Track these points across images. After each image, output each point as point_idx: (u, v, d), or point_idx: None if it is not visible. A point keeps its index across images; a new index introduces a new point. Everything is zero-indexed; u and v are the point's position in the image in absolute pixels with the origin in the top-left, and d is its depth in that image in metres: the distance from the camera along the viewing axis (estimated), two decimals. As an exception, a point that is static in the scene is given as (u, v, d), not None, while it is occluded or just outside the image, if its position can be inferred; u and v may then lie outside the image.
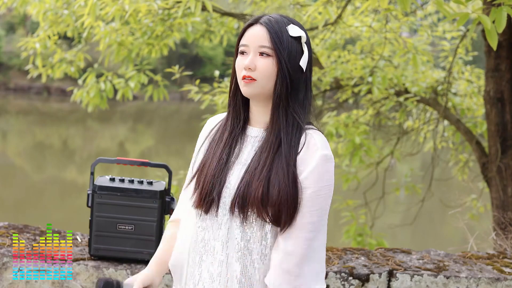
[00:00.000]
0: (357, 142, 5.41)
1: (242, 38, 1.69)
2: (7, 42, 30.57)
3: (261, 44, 1.64)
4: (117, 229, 2.42)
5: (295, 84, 1.66)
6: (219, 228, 1.66)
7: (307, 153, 1.62)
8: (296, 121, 1.65)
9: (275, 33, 1.64)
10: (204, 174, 1.70)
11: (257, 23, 1.67)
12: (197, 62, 30.36)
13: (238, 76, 1.68)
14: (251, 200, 1.60)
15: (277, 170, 1.60)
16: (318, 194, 1.61)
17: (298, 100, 1.66)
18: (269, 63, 1.63)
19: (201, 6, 3.91)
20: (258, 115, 1.71)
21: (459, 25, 2.45)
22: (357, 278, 2.51)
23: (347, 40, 6.89)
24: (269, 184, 1.60)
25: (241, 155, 1.70)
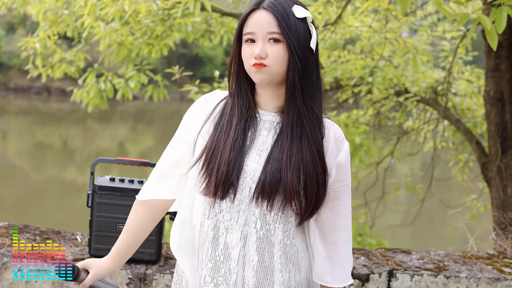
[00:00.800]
0: (357, 142, 5.41)
1: (245, 25, 1.62)
2: (7, 42, 30.57)
3: (269, 30, 1.58)
4: (117, 229, 2.41)
5: (306, 67, 1.61)
6: (237, 215, 1.60)
7: (331, 142, 1.63)
8: (312, 106, 1.62)
9: (281, 17, 1.58)
10: (216, 160, 1.61)
11: (259, 8, 1.60)
12: (197, 62, 30.36)
13: (246, 64, 1.61)
14: (285, 188, 1.56)
15: (307, 155, 1.59)
16: (349, 184, 1.68)
17: (312, 83, 1.63)
18: (280, 49, 1.58)
19: (200, 6, 3.91)
20: (267, 99, 1.66)
21: (459, 25, 2.45)
22: (357, 278, 2.51)
23: (347, 40, 6.89)
24: (303, 170, 1.58)
25: (257, 140, 1.64)
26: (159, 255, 2.46)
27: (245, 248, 1.60)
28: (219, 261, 1.61)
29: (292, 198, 1.57)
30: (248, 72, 1.63)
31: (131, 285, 2.40)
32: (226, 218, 1.61)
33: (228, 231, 1.61)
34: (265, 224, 1.60)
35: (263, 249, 1.60)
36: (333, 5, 4.74)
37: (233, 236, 1.60)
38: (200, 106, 1.72)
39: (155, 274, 2.40)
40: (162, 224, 2.44)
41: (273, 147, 1.61)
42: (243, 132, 1.64)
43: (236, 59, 1.66)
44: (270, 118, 1.66)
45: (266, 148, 1.62)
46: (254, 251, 1.59)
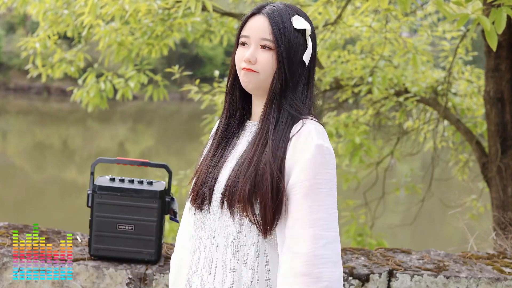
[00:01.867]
0: (357, 142, 5.41)
1: (243, 28, 1.61)
2: (7, 42, 30.58)
3: (263, 37, 1.57)
4: (117, 229, 2.41)
5: (294, 79, 1.58)
6: (210, 224, 1.61)
7: (299, 142, 1.52)
8: (290, 114, 1.56)
9: (276, 25, 1.56)
10: (199, 172, 1.66)
11: (259, 13, 1.59)
12: (197, 62, 30.36)
13: (237, 67, 1.61)
14: (238, 196, 1.52)
15: (265, 163, 1.51)
16: (318, 187, 1.47)
17: (296, 95, 1.59)
18: (269, 56, 1.56)
19: (201, 6, 3.91)
20: (257, 108, 1.65)
21: (459, 26, 2.45)
22: (357, 278, 2.51)
23: (347, 40, 6.89)
24: (255, 180, 1.51)
25: (235, 149, 1.64)
26: (159, 255, 2.46)
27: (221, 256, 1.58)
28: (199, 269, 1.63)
29: (245, 207, 1.52)
30: (238, 74, 1.62)
31: (131, 285, 2.40)
32: (204, 228, 1.63)
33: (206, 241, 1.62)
34: (233, 232, 1.56)
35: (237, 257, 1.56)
36: (333, 5, 4.74)
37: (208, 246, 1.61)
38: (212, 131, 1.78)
39: (155, 274, 2.40)
40: (162, 224, 2.45)
41: (241, 155, 1.60)
42: (225, 143, 1.65)
43: (234, 65, 1.66)
44: (251, 127, 1.65)
45: (238, 157, 1.62)
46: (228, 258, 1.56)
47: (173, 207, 2.43)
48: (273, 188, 1.49)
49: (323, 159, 1.50)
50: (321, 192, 1.48)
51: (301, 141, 1.52)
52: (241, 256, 1.56)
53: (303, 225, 1.46)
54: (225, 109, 1.69)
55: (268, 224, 1.51)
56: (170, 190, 2.49)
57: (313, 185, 1.48)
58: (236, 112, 1.68)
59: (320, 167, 1.49)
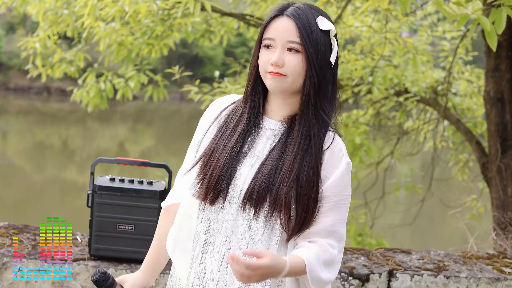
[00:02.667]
0: (357, 142, 5.41)
1: (266, 30, 1.58)
2: (7, 42, 30.56)
3: (290, 39, 1.54)
4: (117, 229, 2.42)
5: (323, 81, 1.57)
6: (224, 221, 1.58)
7: (332, 156, 1.56)
8: (324, 120, 1.58)
9: (303, 27, 1.53)
10: (212, 163, 1.60)
11: (283, 14, 1.56)
12: (197, 62, 30.35)
13: (262, 70, 1.58)
14: (274, 197, 1.52)
15: (307, 170, 1.53)
16: (342, 203, 1.56)
17: (326, 97, 1.59)
18: (298, 59, 1.54)
19: (200, 6, 3.91)
20: (277, 107, 1.63)
21: (459, 26, 2.45)
22: (357, 278, 2.51)
23: (347, 40, 6.89)
24: (299, 185, 1.52)
25: (254, 147, 1.61)
26: (159, 255, 2.46)
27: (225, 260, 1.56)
28: (207, 266, 1.60)
29: (281, 210, 1.52)
30: (262, 77, 1.60)
31: (131, 285, 2.40)
32: (216, 224, 1.59)
33: (216, 237, 1.59)
34: (249, 232, 1.56)
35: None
36: (333, 5, 4.75)
37: (218, 243, 1.58)
38: (210, 109, 1.73)
39: (155, 274, 2.40)
40: (162, 224, 2.44)
41: (268, 155, 1.58)
42: (242, 139, 1.62)
43: (255, 64, 1.62)
44: (272, 126, 1.63)
45: (261, 156, 1.60)
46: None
47: (173, 207, 2.43)
48: (316, 196, 1.54)
49: (349, 177, 1.58)
50: (343, 206, 1.57)
51: (334, 156, 1.57)
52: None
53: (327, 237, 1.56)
54: (247, 106, 1.65)
55: (296, 230, 1.55)
56: (170, 190, 2.48)
57: (340, 201, 1.56)
58: (259, 109, 1.64)
59: (346, 184, 1.58)
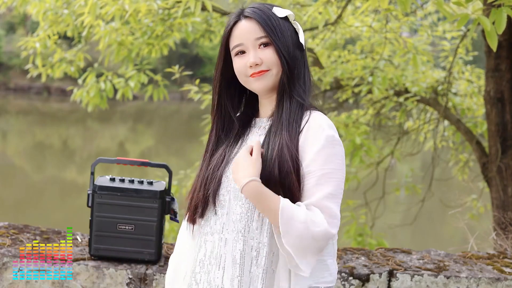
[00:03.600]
0: (357, 142, 5.41)
1: (230, 39, 1.61)
2: (7, 42, 30.56)
3: (257, 36, 1.58)
4: (117, 229, 2.41)
5: (296, 65, 1.60)
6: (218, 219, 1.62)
7: (309, 133, 1.55)
8: (299, 103, 1.59)
9: (264, 20, 1.58)
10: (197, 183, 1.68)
11: (241, 18, 1.61)
12: (197, 62, 30.34)
13: (242, 77, 1.61)
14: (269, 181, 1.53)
15: (286, 152, 1.53)
16: (329, 177, 1.52)
17: (300, 81, 1.61)
18: (271, 51, 1.58)
19: (201, 6, 3.91)
20: (266, 106, 1.67)
21: (459, 26, 2.45)
22: (357, 278, 2.51)
23: (347, 40, 6.89)
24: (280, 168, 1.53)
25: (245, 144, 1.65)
26: (159, 255, 2.46)
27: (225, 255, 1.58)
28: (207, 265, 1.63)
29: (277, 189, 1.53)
30: (244, 84, 1.63)
31: (131, 285, 2.40)
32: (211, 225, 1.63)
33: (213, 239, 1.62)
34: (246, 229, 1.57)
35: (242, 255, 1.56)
36: (333, 5, 4.74)
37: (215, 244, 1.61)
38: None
39: (155, 274, 2.40)
40: (162, 224, 2.44)
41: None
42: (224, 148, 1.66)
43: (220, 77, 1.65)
44: (262, 124, 1.66)
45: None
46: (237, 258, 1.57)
47: (173, 207, 2.43)
48: (294, 167, 1.52)
49: (332, 150, 1.54)
50: (330, 181, 1.52)
51: (311, 132, 1.55)
52: (251, 249, 1.56)
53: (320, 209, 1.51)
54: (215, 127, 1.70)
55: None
56: (170, 190, 2.48)
57: (323, 176, 1.52)
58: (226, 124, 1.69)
59: (329, 157, 1.53)
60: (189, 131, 20.13)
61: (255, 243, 1.56)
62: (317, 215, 1.49)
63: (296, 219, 1.46)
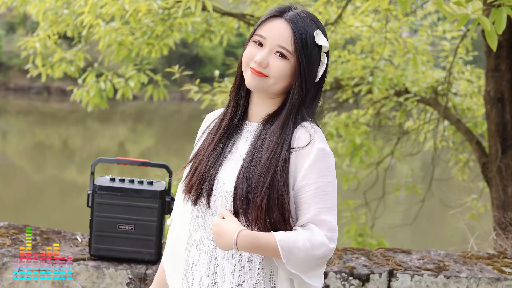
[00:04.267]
0: (357, 142, 5.41)
1: (260, 27, 1.56)
2: (7, 42, 30.55)
3: (281, 44, 1.52)
4: (117, 229, 2.41)
5: (309, 93, 1.57)
6: (207, 222, 1.59)
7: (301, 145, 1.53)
8: (296, 120, 1.57)
9: (299, 36, 1.51)
10: (196, 165, 1.63)
11: (281, 17, 1.54)
12: (197, 62, 30.34)
13: (244, 63, 1.57)
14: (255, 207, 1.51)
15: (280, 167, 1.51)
16: (324, 190, 1.51)
17: (308, 107, 1.58)
18: (284, 65, 1.53)
19: (201, 6, 3.91)
20: (257, 108, 1.62)
21: (459, 26, 2.45)
22: (357, 278, 2.51)
23: (347, 40, 6.89)
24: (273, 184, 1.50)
25: (235, 149, 1.61)
26: (159, 255, 2.46)
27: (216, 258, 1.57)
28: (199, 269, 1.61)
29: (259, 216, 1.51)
30: (243, 69, 1.59)
31: (131, 285, 2.40)
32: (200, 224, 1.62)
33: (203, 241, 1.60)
34: None
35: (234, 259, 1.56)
36: (333, 5, 4.74)
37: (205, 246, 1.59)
38: (203, 123, 1.75)
39: (155, 274, 2.40)
40: (162, 224, 2.44)
41: (245, 157, 1.57)
42: (224, 140, 1.62)
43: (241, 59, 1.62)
44: (252, 129, 1.62)
45: (240, 158, 1.59)
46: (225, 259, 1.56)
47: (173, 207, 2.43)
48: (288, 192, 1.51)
49: (325, 163, 1.52)
50: (325, 195, 1.51)
51: (301, 145, 1.53)
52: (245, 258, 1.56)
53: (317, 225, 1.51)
54: (231, 105, 1.65)
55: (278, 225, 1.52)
56: (170, 190, 2.48)
57: (318, 189, 1.51)
58: (240, 109, 1.64)
59: (323, 170, 1.52)
60: (189, 131, 20.11)
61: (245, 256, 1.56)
62: (316, 234, 1.48)
63: (297, 249, 1.46)
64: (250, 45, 1.57)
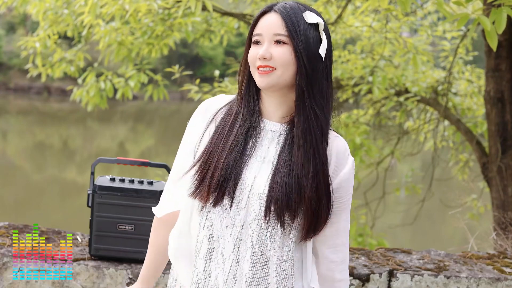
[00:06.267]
0: (357, 142, 5.41)
1: (255, 27, 1.59)
2: (7, 42, 30.58)
3: (276, 32, 1.54)
4: (117, 229, 2.41)
5: (315, 73, 1.55)
6: (232, 226, 1.55)
7: (339, 156, 1.59)
8: (322, 116, 1.55)
9: (289, 19, 1.54)
10: (211, 164, 1.56)
11: (271, 10, 1.58)
12: (197, 62, 30.32)
13: (251, 67, 1.57)
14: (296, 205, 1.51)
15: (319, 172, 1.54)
16: (350, 202, 1.64)
17: (321, 92, 1.56)
18: (285, 51, 1.53)
19: (201, 6, 3.91)
20: (272, 107, 1.60)
21: (459, 26, 2.45)
22: (357, 278, 2.51)
23: (347, 40, 6.89)
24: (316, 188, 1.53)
25: (257, 150, 1.57)
26: (159, 255, 2.45)
27: (238, 261, 1.54)
28: (212, 273, 1.56)
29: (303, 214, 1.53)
30: (252, 74, 1.58)
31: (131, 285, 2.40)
32: (221, 230, 1.56)
33: (221, 242, 1.55)
34: (261, 238, 1.54)
35: (257, 264, 1.54)
36: (333, 4, 4.74)
37: (226, 249, 1.55)
38: (203, 110, 1.67)
39: (155, 274, 2.40)
40: (162, 224, 2.44)
41: (278, 161, 1.55)
42: (244, 138, 1.58)
43: (246, 61, 1.61)
44: (273, 128, 1.60)
45: (269, 161, 1.56)
46: (248, 265, 1.54)
47: (173, 207, 2.43)
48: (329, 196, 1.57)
49: (353, 175, 1.64)
50: (350, 205, 1.64)
51: (340, 156, 1.60)
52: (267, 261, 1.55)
53: (343, 237, 1.64)
54: (241, 105, 1.62)
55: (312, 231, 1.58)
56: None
57: (348, 200, 1.63)
58: (254, 108, 1.61)
59: (352, 182, 1.64)
60: (189, 131, 20.08)
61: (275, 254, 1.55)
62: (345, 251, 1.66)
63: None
64: (251, 48, 1.59)
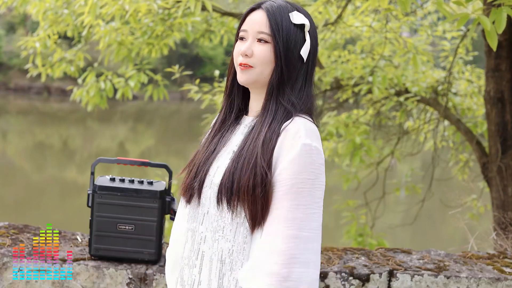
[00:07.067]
0: (357, 142, 5.41)
1: (243, 23, 1.63)
2: (7, 42, 30.60)
3: (260, 30, 1.57)
4: (117, 229, 2.41)
5: (292, 73, 1.57)
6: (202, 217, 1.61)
7: (286, 139, 1.51)
8: (286, 110, 1.55)
9: (274, 18, 1.56)
10: (192, 164, 1.68)
11: (259, 8, 1.61)
12: (197, 62, 30.33)
13: (235, 63, 1.62)
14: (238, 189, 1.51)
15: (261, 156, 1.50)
16: (299, 187, 1.46)
17: (295, 91, 1.58)
18: (266, 49, 1.56)
19: (201, 6, 3.91)
20: (254, 103, 1.65)
21: (459, 26, 2.45)
22: (357, 278, 2.51)
23: (347, 40, 6.89)
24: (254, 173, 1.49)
25: (229, 143, 1.63)
26: (160, 255, 2.46)
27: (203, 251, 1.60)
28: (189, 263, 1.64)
29: (243, 200, 1.50)
30: (236, 69, 1.63)
31: (131, 285, 2.40)
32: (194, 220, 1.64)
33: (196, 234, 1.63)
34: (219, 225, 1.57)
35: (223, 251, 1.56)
36: (333, 4, 4.74)
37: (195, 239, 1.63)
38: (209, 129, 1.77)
39: (155, 274, 2.40)
40: (162, 224, 2.44)
41: (237, 150, 1.58)
42: (219, 136, 1.66)
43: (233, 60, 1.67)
44: (248, 122, 1.65)
45: (231, 150, 1.61)
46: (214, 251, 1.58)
47: (174, 207, 2.43)
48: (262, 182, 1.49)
49: (308, 159, 1.48)
50: (302, 191, 1.47)
51: (288, 138, 1.51)
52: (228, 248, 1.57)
53: (280, 223, 1.46)
54: (223, 104, 1.70)
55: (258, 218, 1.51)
56: (171, 190, 2.48)
57: (294, 184, 1.47)
58: (234, 107, 1.68)
59: (303, 167, 1.48)
60: (189, 131, 20.13)
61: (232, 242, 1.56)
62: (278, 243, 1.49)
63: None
64: (236, 44, 1.63)
